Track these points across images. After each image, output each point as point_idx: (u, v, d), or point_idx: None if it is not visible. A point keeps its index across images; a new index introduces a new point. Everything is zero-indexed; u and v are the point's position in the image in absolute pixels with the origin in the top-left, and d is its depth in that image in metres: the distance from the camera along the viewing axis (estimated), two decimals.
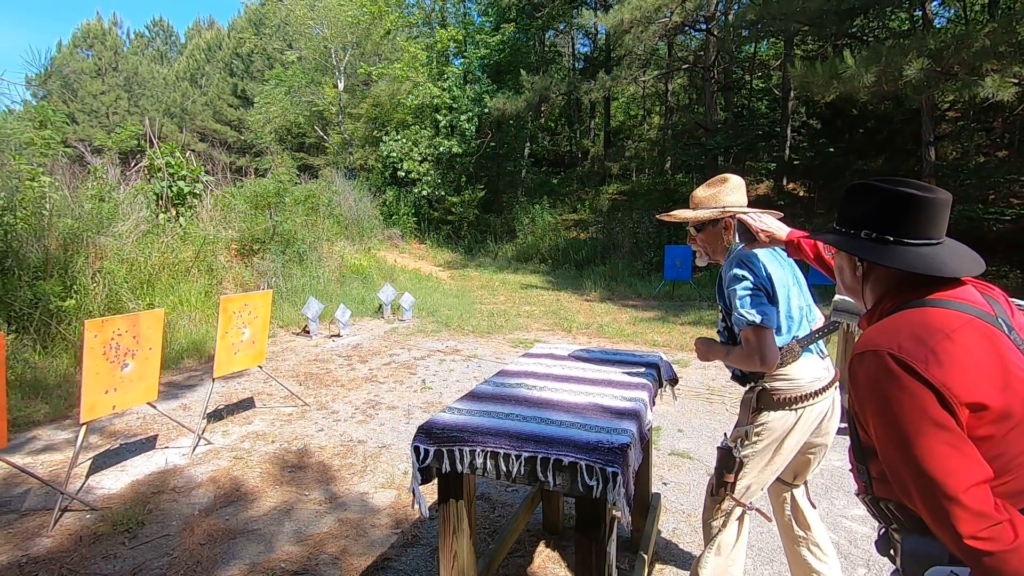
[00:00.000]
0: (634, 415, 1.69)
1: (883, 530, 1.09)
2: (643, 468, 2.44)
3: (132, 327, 3.18)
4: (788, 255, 1.71)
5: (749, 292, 1.66)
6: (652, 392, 2.03)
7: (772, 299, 1.70)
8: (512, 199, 17.57)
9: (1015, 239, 9.89)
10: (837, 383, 1.79)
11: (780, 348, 1.69)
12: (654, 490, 2.86)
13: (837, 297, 4.27)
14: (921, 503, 0.89)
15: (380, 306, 8.14)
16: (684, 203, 2.08)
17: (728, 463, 1.76)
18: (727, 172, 2.00)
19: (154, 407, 3.50)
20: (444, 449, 1.58)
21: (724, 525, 1.80)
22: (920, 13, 11.23)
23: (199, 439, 3.65)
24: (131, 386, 3.21)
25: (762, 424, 1.73)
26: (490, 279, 12.35)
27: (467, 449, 1.55)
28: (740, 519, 1.82)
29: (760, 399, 1.73)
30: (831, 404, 1.77)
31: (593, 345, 6.39)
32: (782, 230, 1.66)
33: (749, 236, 1.72)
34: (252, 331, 4.12)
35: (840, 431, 1.85)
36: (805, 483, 1.93)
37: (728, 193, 1.85)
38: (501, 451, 1.51)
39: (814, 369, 1.71)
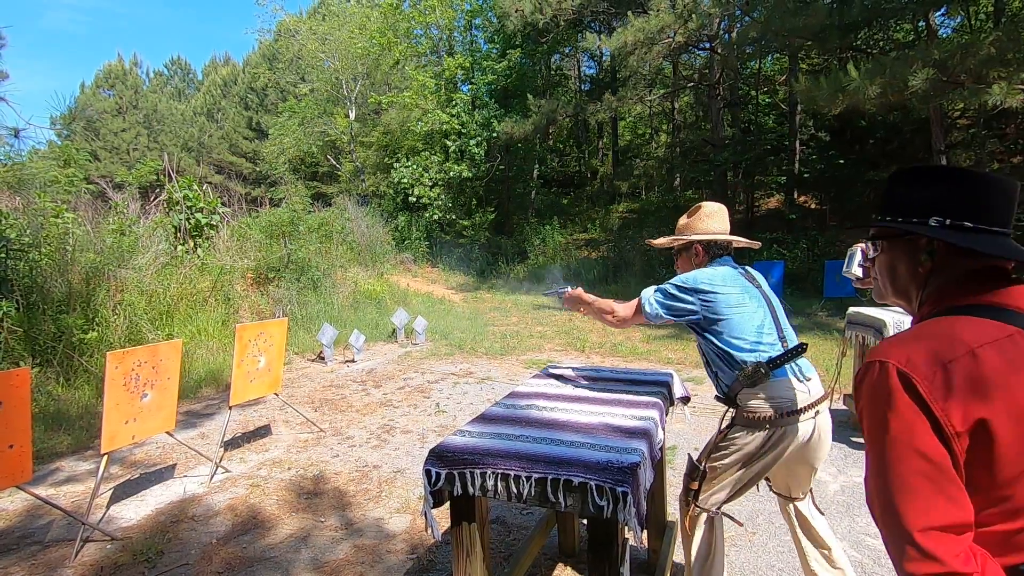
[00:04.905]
0: (644, 434, 1.69)
1: None
2: (658, 488, 2.42)
3: (152, 358, 3.25)
4: None
5: (670, 293, 1.87)
6: (663, 411, 2.03)
7: (713, 317, 1.81)
8: (523, 221, 17.70)
9: None
10: (824, 404, 1.79)
11: (746, 364, 1.74)
12: (671, 510, 2.83)
13: (851, 310, 4.23)
14: (882, 531, 0.83)
15: (394, 330, 8.20)
16: None
17: (692, 472, 1.87)
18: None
19: (173, 436, 3.55)
20: (455, 472, 1.59)
21: (691, 532, 1.87)
22: (924, 24, 11.27)
23: (217, 467, 3.69)
24: (150, 416, 3.26)
25: (729, 440, 1.80)
26: (502, 301, 12.38)
27: (478, 471, 1.56)
28: (710, 526, 1.87)
29: (733, 416, 1.81)
30: (814, 426, 1.76)
31: (607, 364, 6.36)
32: None
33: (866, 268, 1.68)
34: (268, 359, 4.18)
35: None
36: (811, 492, 1.95)
37: (699, 221, 1.98)
38: (511, 473, 1.52)
39: (784, 391, 1.72)
